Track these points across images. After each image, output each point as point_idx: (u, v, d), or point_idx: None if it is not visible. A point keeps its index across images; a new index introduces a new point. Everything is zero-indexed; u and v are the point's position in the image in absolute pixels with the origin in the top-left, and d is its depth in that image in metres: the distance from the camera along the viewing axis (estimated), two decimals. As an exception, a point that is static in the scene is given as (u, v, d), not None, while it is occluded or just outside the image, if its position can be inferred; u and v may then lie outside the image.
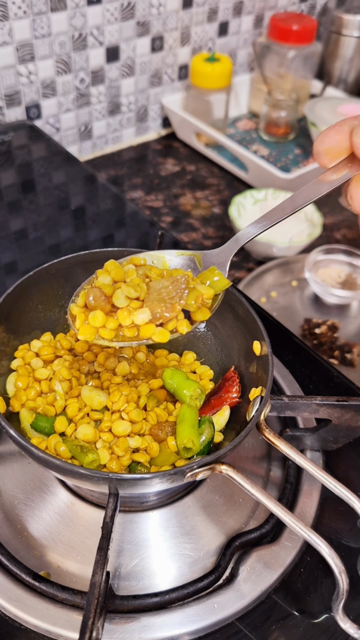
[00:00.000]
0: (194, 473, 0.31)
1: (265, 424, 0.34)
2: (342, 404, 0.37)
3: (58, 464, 0.31)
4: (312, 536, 0.29)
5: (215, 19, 0.91)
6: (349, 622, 0.30)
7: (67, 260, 0.42)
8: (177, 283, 0.35)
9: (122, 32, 0.81)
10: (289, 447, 0.34)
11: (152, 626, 0.33)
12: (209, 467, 0.31)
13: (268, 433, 0.34)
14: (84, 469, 0.30)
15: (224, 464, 0.32)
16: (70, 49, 0.78)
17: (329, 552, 0.29)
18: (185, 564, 0.36)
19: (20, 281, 0.40)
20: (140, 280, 0.35)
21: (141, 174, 0.87)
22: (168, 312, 0.34)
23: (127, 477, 0.30)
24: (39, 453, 0.31)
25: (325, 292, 0.65)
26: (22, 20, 0.72)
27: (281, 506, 0.30)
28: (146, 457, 0.36)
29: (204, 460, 0.31)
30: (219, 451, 0.31)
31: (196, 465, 0.31)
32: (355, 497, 0.32)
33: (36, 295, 0.42)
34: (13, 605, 0.34)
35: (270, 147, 0.92)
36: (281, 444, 0.34)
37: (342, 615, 0.30)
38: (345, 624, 0.30)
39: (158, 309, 0.34)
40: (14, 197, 0.68)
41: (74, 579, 0.36)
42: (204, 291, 0.35)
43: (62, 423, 0.37)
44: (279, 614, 0.35)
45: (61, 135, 0.85)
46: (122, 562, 0.36)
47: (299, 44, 0.90)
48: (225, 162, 0.88)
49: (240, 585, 0.35)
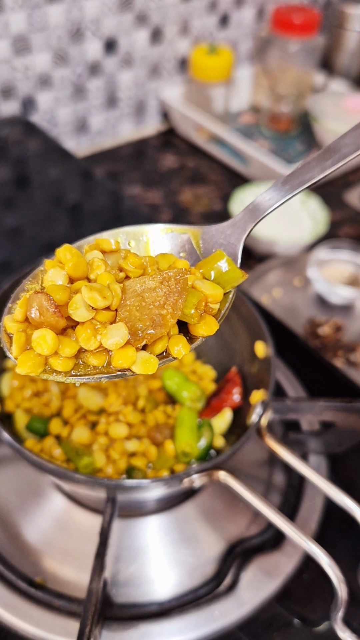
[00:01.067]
0: (191, 480, 0.30)
1: (266, 429, 0.33)
2: (347, 406, 0.35)
3: (52, 468, 0.30)
4: (311, 545, 0.29)
5: (216, 11, 0.90)
6: (347, 632, 0.29)
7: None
8: (167, 282, 0.23)
9: (120, 25, 0.80)
10: (291, 453, 0.33)
11: (151, 634, 0.33)
12: (207, 474, 0.30)
13: (269, 439, 0.33)
14: (79, 474, 0.29)
15: (223, 470, 0.31)
16: (67, 42, 0.76)
17: (328, 562, 0.28)
18: (185, 571, 0.36)
19: (17, 278, 0.39)
20: (111, 278, 0.23)
21: (139, 169, 0.86)
22: (155, 328, 0.22)
23: (121, 484, 0.30)
24: (34, 457, 0.30)
25: (329, 291, 0.64)
26: (17, 13, 0.70)
27: (280, 513, 0.29)
28: (144, 460, 0.35)
29: (202, 467, 0.30)
30: (216, 458, 0.30)
31: (193, 472, 0.30)
32: (356, 505, 0.31)
33: None
34: (9, 612, 0.33)
35: (273, 141, 0.91)
36: (282, 451, 0.33)
37: (341, 625, 0.29)
38: (344, 633, 0.29)
39: (140, 324, 0.22)
40: (9, 193, 0.67)
41: (70, 586, 0.35)
42: (208, 292, 0.24)
43: (57, 425, 0.36)
44: (280, 622, 0.34)
45: (58, 131, 0.84)
46: (120, 569, 0.35)
47: (302, 37, 0.89)
48: (226, 157, 0.86)
49: (242, 592, 0.34)
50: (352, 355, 0.57)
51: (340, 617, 0.29)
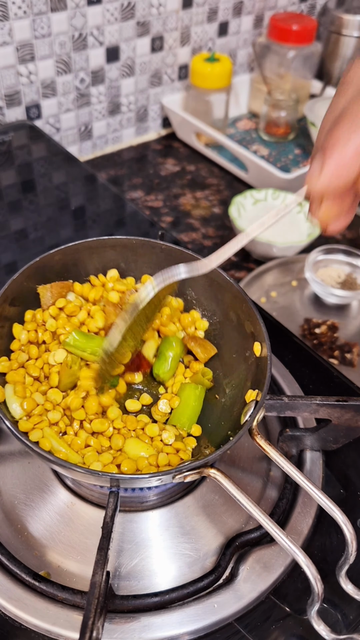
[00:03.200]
0: (183, 476, 0.31)
1: (258, 429, 0.34)
2: (342, 404, 0.37)
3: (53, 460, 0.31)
4: (291, 546, 0.30)
5: (215, 19, 0.91)
6: (322, 625, 0.32)
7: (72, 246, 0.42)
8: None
9: (122, 32, 0.81)
10: (279, 454, 0.34)
11: (152, 626, 0.33)
12: (198, 471, 0.31)
13: (259, 439, 0.34)
14: (77, 467, 0.30)
15: (213, 467, 0.32)
16: (71, 49, 0.78)
17: (305, 562, 0.30)
18: (185, 564, 0.36)
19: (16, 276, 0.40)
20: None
21: (141, 174, 0.87)
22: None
23: (123, 477, 0.31)
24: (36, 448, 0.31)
25: (325, 292, 0.65)
26: (22, 20, 0.72)
27: (260, 510, 0.31)
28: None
29: (193, 465, 0.31)
30: (208, 456, 0.31)
31: (185, 469, 0.31)
32: (339, 510, 0.32)
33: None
34: (13, 605, 0.34)
35: (270, 147, 0.92)
36: (271, 451, 0.34)
37: (316, 619, 0.32)
38: (319, 626, 0.32)
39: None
40: (14, 197, 0.68)
41: (74, 579, 0.36)
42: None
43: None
44: (277, 614, 0.35)
45: (61, 135, 0.85)
46: (122, 562, 0.36)
47: (299, 44, 0.90)
48: (225, 162, 0.88)
49: (240, 585, 0.35)
50: (348, 354, 0.58)
51: (316, 611, 0.32)
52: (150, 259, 0.44)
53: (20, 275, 0.40)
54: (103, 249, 0.44)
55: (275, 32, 0.90)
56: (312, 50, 0.93)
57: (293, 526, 0.38)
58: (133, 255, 0.45)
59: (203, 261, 0.34)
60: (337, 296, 0.65)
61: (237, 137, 0.94)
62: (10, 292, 0.39)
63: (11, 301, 0.40)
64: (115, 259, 0.45)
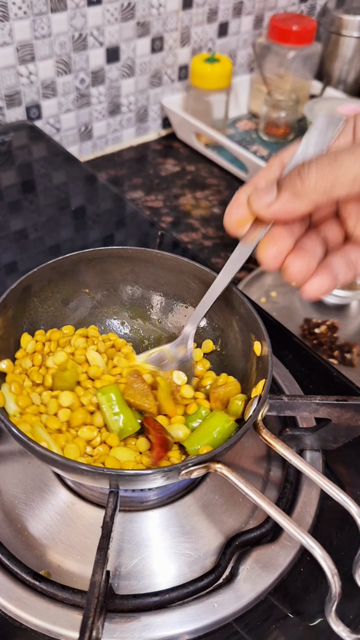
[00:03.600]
0: (188, 471, 0.31)
1: (263, 424, 0.34)
2: (342, 403, 0.37)
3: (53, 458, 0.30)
4: (305, 538, 0.29)
5: (215, 19, 0.91)
6: (341, 626, 0.29)
7: (70, 257, 0.42)
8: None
9: (122, 33, 0.81)
10: (286, 448, 0.34)
11: (152, 625, 0.34)
12: (204, 466, 0.31)
13: (265, 434, 0.34)
14: (78, 463, 0.30)
15: (219, 462, 0.32)
16: (71, 49, 0.78)
17: (321, 554, 0.29)
18: (185, 564, 0.37)
19: (22, 279, 0.40)
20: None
21: (141, 174, 0.87)
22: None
23: (124, 473, 0.31)
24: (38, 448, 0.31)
25: (325, 292, 0.65)
26: (22, 21, 0.72)
27: (274, 506, 0.30)
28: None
29: (199, 459, 0.31)
30: (214, 450, 0.31)
31: (191, 463, 0.31)
32: (351, 499, 0.31)
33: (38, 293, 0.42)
34: (13, 604, 0.34)
35: (270, 148, 0.92)
36: (278, 445, 0.34)
37: (334, 618, 0.29)
38: (338, 627, 0.29)
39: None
40: (14, 197, 0.68)
41: (74, 579, 0.36)
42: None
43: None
44: (277, 615, 0.35)
45: (61, 136, 0.85)
46: (122, 562, 0.36)
47: (299, 44, 0.90)
48: (225, 163, 0.88)
49: (240, 584, 0.35)
50: (348, 354, 0.58)
51: (334, 611, 0.29)
52: (153, 270, 0.43)
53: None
54: (100, 260, 0.42)
55: (275, 33, 0.90)
56: (312, 50, 0.93)
57: (293, 526, 0.38)
58: (134, 265, 0.43)
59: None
60: (337, 296, 0.65)
61: (237, 138, 0.94)
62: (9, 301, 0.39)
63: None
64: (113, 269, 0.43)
